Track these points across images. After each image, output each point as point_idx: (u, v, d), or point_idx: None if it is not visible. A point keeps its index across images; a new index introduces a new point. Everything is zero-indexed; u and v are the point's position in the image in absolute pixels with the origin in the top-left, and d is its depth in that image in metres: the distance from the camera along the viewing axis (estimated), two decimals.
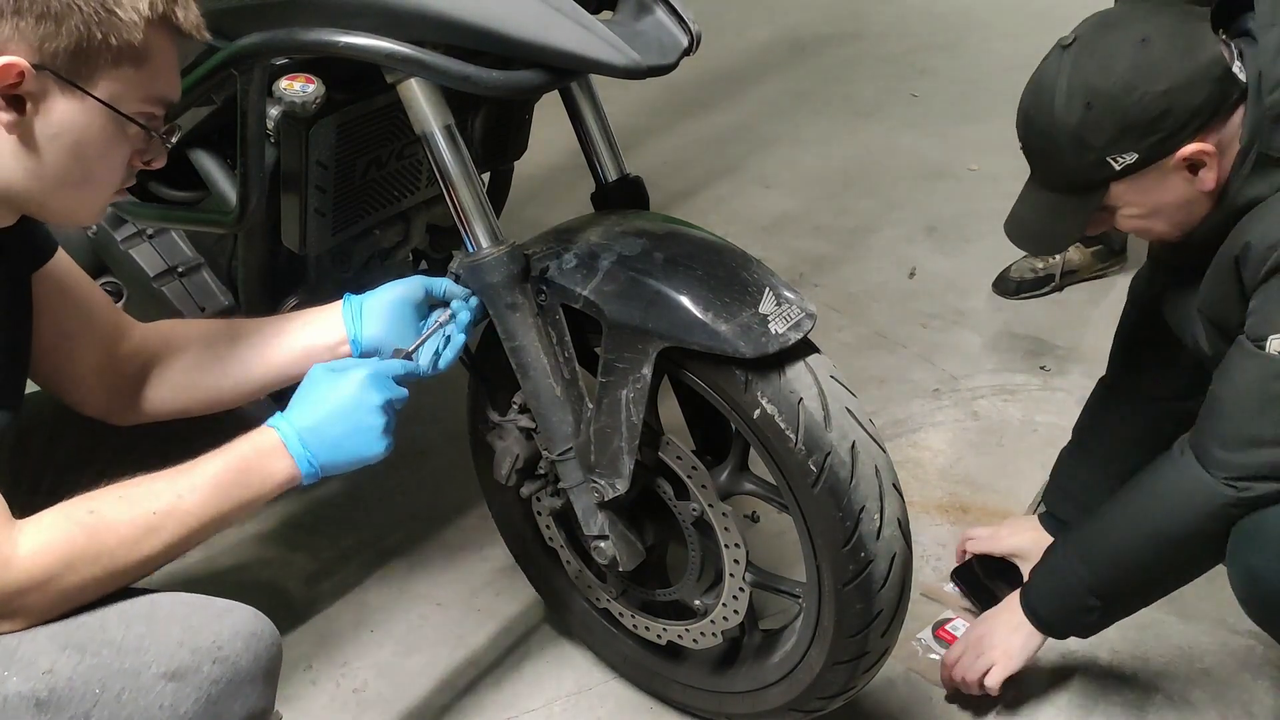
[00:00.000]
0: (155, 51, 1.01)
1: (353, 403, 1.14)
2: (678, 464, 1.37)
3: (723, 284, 1.26)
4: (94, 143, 1.02)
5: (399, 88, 1.26)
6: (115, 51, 0.98)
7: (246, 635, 1.05)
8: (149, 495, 1.06)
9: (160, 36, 1.01)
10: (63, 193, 1.04)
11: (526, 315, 1.31)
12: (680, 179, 3.24)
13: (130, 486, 1.07)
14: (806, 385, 1.25)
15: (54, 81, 0.97)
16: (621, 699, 1.66)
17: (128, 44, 0.99)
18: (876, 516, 1.26)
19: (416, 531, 1.99)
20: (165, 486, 1.07)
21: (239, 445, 1.11)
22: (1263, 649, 1.68)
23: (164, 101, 1.06)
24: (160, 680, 1.00)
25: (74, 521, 1.02)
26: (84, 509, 1.03)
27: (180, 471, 1.08)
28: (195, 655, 1.02)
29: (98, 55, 0.98)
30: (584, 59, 1.23)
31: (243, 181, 1.41)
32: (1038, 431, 2.18)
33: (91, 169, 1.04)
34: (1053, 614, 1.51)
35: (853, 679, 1.37)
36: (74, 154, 1.01)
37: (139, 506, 1.05)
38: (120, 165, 1.06)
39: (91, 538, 1.02)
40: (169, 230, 1.71)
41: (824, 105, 3.64)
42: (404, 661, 1.74)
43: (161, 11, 1.00)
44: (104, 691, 0.98)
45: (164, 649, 1.01)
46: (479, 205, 1.30)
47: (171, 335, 1.33)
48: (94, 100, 1.00)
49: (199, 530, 1.08)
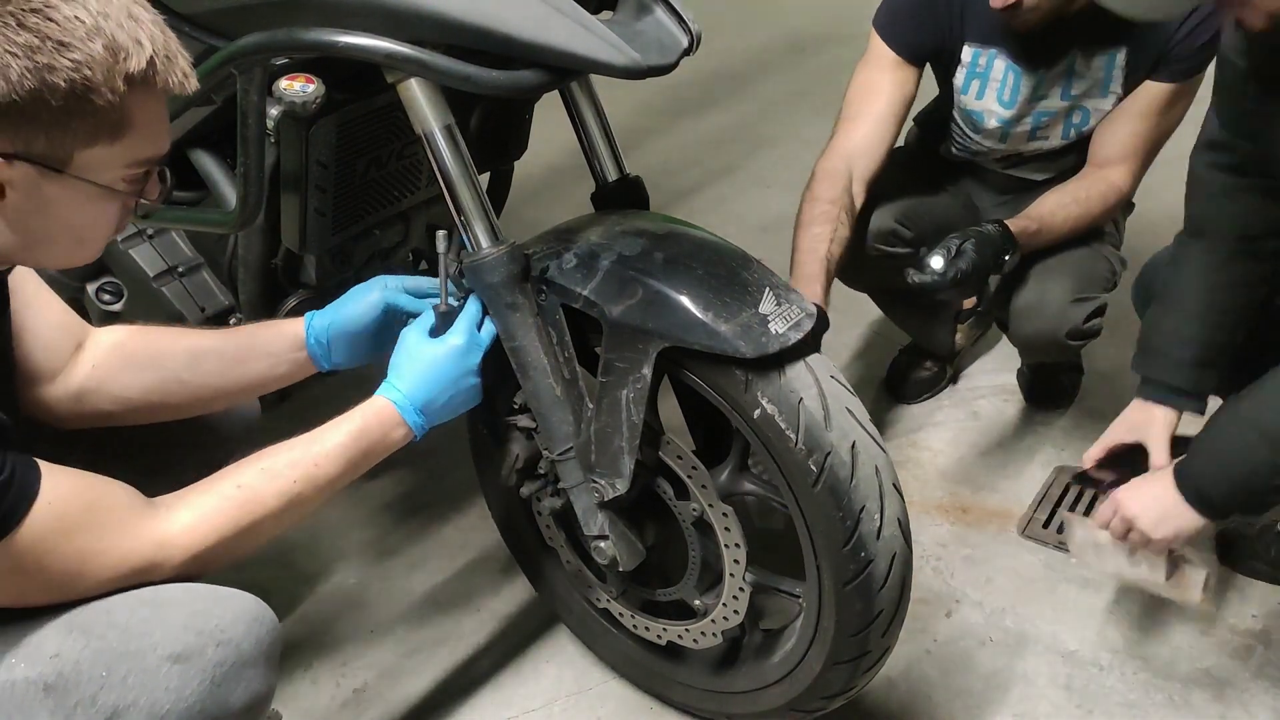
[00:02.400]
0: (136, 119, 0.98)
1: (457, 370, 1.27)
2: (678, 464, 1.37)
3: (723, 284, 1.25)
4: (80, 213, 1.01)
5: (399, 88, 1.26)
6: (92, 131, 0.96)
7: (249, 619, 1.07)
8: (289, 466, 1.16)
9: (142, 103, 0.97)
10: (56, 252, 1.05)
11: (526, 315, 1.31)
12: (680, 179, 3.24)
13: (267, 457, 1.16)
14: (807, 385, 1.25)
15: (30, 168, 0.95)
16: (621, 699, 1.66)
17: (104, 123, 0.96)
18: (876, 516, 1.26)
19: (416, 531, 2.00)
20: (302, 455, 1.17)
21: (359, 417, 1.22)
22: (1262, 649, 1.69)
23: (150, 161, 1.03)
24: (165, 663, 1.01)
25: (224, 497, 1.10)
26: (231, 484, 1.12)
27: (310, 441, 1.19)
28: (200, 638, 1.03)
29: (74, 138, 0.95)
30: (584, 59, 1.23)
31: (243, 181, 1.41)
32: (1038, 432, 2.19)
33: (83, 232, 1.03)
34: (1227, 496, 1.41)
35: (853, 679, 1.37)
36: (61, 225, 1.01)
37: (282, 478, 1.14)
38: (112, 220, 1.04)
39: (243, 510, 1.11)
40: (169, 230, 1.71)
41: (824, 105, 3.62)
42: (404, 661, 1.74)
43: (141, 79, 0.96)
44: (110, 674, 1.00)
45: (169, 632, 1.03)
46: (479, 205, 1.30)
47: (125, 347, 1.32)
48: (74, 178, 0.98)
49: (328, 496, 1.19)
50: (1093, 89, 1.80)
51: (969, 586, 1.84)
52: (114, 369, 1.30)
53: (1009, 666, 1.69)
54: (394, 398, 1.25)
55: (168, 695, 1.01)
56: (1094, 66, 1.78)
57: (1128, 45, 1.75)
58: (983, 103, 1.87)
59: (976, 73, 1.84)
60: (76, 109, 0.93)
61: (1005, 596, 1.81)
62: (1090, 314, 1.85)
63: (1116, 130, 1.82)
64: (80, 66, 0.91)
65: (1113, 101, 1.82)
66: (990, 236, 1.72)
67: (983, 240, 1.71)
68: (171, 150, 1.07)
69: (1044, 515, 1.97)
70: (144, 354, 1.32)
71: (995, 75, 1.83)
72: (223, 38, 1.35)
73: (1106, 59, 1.77)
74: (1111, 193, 1.83)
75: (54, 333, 1.26)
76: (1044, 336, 1.87)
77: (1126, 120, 1.80)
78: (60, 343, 1.27)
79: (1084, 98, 1.82)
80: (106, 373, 1.29)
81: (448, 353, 1.27)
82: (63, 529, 1.00)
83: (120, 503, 1.06)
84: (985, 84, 1.85)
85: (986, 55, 1.83)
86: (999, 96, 1.85)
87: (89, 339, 1.30)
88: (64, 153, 0.96)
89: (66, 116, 0.93)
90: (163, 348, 1.33)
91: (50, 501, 0.99)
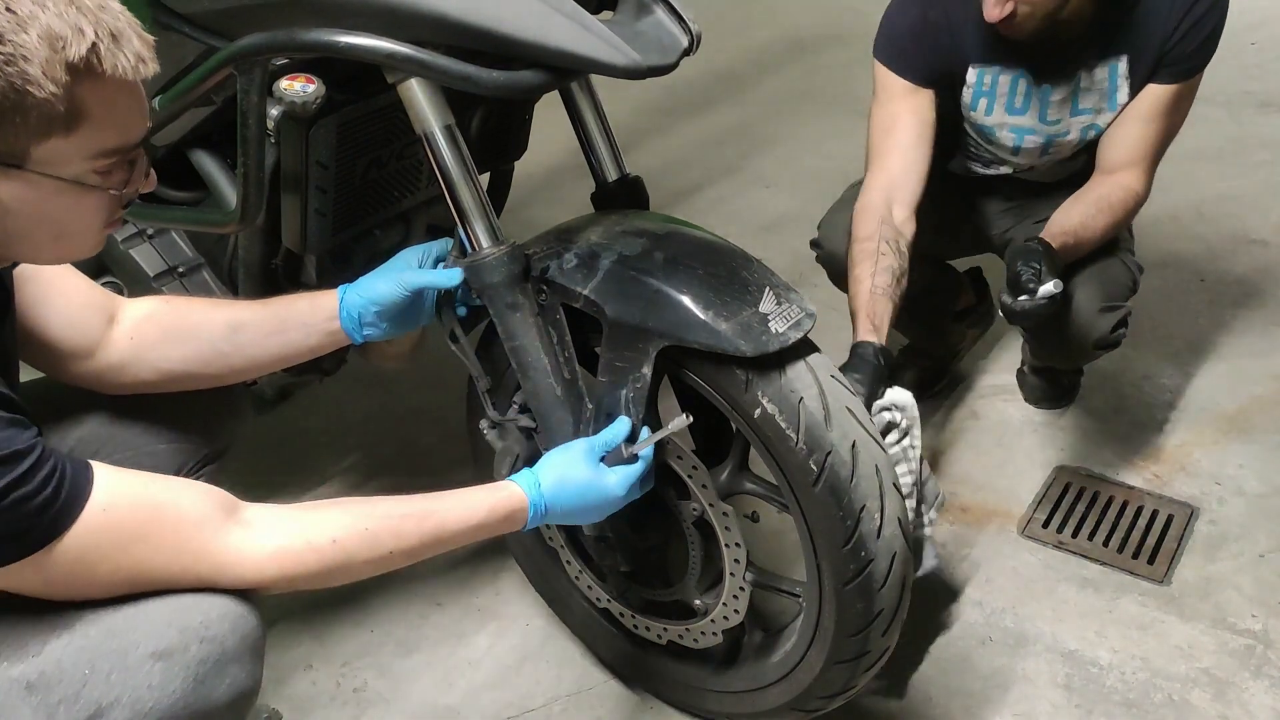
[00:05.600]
0: (91, 109, 0.93)
1: (598, 508, 1.28)
2: (678, 464, 1.37)
3: (723, 283, 1.26)
4: (52, 207, 0.98)
5: (399, 88, 1.26)
6: (40, 124, 0.92)
7: (233, 616, 1.06)
8: (392, 535, 1.13)
9: (94, 92, 0.93)
10: (38, 250, 1.03)
11: (527, 315, 1.31)
12: (680, 179, 3.24)
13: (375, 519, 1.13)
14: (807, 384, 1.25)
15: None
16: (621, 699, 1.66)
17: (52, 116, 0.92)
18: (877, 516, 1.26)
19: None
20: (413, 529, 1.15)
21: (493, 502, 1.21)
22: (1262, 649, 1.69)
23: (117, 151, 0.99)
24: (149, 660, 1.01)
25: (312, 548, 1.08)
26: (326, 537, 1.10)
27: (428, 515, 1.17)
28: (183, 635, 1.03)
29: (24, 133, 0.92)
30: (584, 59, 1.23)
31: (243, 181, 1.41)
32: (1038, 431, 2.19)
33: (61, 227, 1.00)
34: None
35: (853, 679, 1.37)
36: (37, 221, 0.98)
37: (378, 549, 1.12)
38: (95, 212, 1.01)
39: (321, 566, 1.09)
40: (169, 230, 1.71)
41: (824, 105, 3.64)
42: (404, 661, 1.74)
43: (84, 68, 0.91)
44: (93, 672, 0.99)
45: (152, 629, 1.02)
46: (479, 205, 1.30)
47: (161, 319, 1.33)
48: (36, 174, 0.94)
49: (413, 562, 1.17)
50: (1101, 102, 1.80)
51: (969, 586, 1.84)
52: (153, 340, 1.31)
53: (1009, 666, 1.69)
54: (532, 493, 1.24)
55: (151, 692, 1.00)
56: (1098, 79, 1.78)
57: (1128, 53, 1.75)
58: (993, 117, 1.87)
59: (983, 91, 1.84)
60: (18, 103, 0.89)
61: (1005, 596, 1.81)
62: (1117, 323, 1.84)
63: (1125, 135, 1.81)
64: (12, 60, 0.88)
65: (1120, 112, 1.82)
66: (1049, 250, 1.70)
67: (1049, 256, 1.69)
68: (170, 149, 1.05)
69: (1044, 515, 1.97)
70: (182, 326, 1.32)
71: (1002, 90, 1.83)
72: (223, 38, 1.35)
73: (1109, 70, 1.77)
74: (1130, 198, 1.82)
75: (83, 311, 1.27)
76: (1073, 345, 1.86)
77: (1133, 124, 1.80)
78: (91, 319, 1.27)
79: (1094, 114, 1.82)
80: (145, 344, 1.30)
81: (603, 494, 1.26)
82: (117, 540, 0.99)
83: (189, 517, 1.04)
84: (994, 100, 1.85)
85: (991, 74, 1.82)
86: (1009, 106, 1.85)
87: (120, 311, 1.31)
88: (18, 148, 0.93)
89: (9, 111, 0.90)
90: (200, 320, 1.34)
91: (105, 509, 0.98)
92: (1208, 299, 2.54)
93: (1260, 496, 1.99)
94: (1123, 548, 1.90)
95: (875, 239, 1.74)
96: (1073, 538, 1.93)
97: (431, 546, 1.17)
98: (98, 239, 1.05)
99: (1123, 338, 1.87)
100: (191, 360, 1.33)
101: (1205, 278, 2.62)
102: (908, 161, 1.82)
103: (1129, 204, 1.82)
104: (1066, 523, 1.96)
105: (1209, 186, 2.98)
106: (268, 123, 1.37)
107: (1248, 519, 1.94)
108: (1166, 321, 2.45)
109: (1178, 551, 1.88)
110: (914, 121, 1.84)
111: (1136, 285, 1.92)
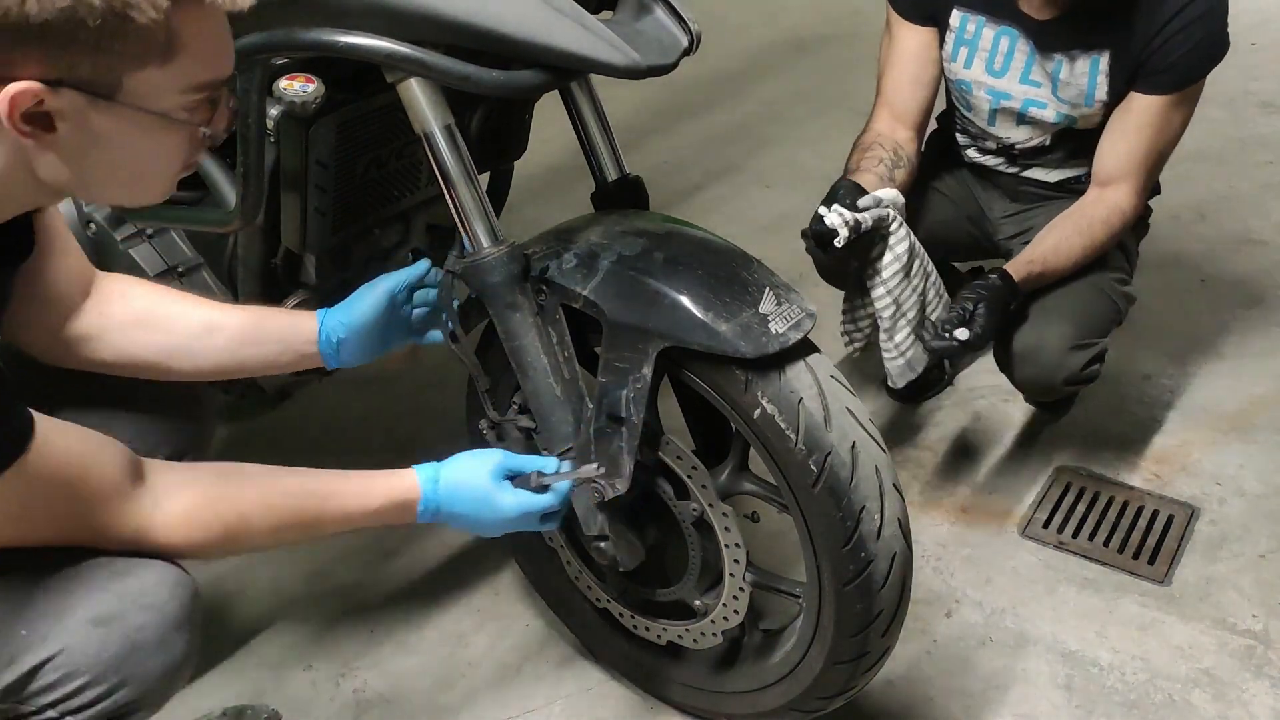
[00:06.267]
0: (187, 40, 0.91)
1: (491, 519, 1.26)
2: (678, 464, 1.37)
3: (723, 284, 1.25)
4: (138, 143, 0.95)
5: (399, 87, 1.26)
6: (138, 52, 0.89)
7: (171, 584, 1.06)
8: (294, 514, 1.15)
9: (191, 21, 0.91)
10: (115, 190, 1.01)
11: (526, 315, 1.31)
12: (680, 179, 3.24)
13: (279, 495, 1.14)
14: (807, 385, 1.25)
15: (78, 95, 0.89)
16: (621, 699, 1.66)
17: (150, 44, 0.89)
18: (877, 516, 1.26)
19: (416, 532, 1.99)
20: (315, 508, 1.16)
21: (389, 489, 1.22)
22: (1262, 649, 1.69)
23: (209, 85, 0.96)
24: (86, 625, 1.01)
25: (219, 518, 1.09)
26: (233, 511, 1.10)
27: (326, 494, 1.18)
28: (121, 601, 1.03)
29: (120, 60, 0.89)
30: (584, 59, 1.23)
31: (243, 181, 1.41)
32: (1038, 432, 2.18)
33: (143, 166, 0.98)
34: None
35: (853, 679, 1.37)
36: (119, 157, 0.96)
37: (282, 521, 1.14)
38: (176, 151, 0.99)
39: (228, 538, 1.11)
40: (169, 230, 1.71)
41: (824, 105, 3.63)
42: (404, 661, 1.74)
43: None
44: (30, 633, 0.99)
45: (90, 594, 1.02)
46: (479, 205, 1.30)
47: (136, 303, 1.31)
48: (126, 106, 0.92)
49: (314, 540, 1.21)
50: (1078, 96, 1.80)
51: (969, 586, 1.84)
52: (123, 322, 1.29)
53: (1009, 666, 1.69)
54: (428, 490, 1.23)
55: (85, 659, 1.00)
56: (1078, 71, 1.77)
57: (1110, 49, 1.74)
58: (970, 72, 1.86)
59: (965, 39, 1.84)
60: (117, 28, 0.86)
61: (1005, 596, 1.81)
62: (1089, 361, 1.81)
63: (1115, 146, 1.80)
64: None
65: (1100, 110, 1.81)
66: (998, 291, 1.72)
67: (992, 299, 1.70)
68: None
69: (1044, 515, 1.97)
70: (156, 314, 1.31)
71: (984, 45, 1.83)
72: None
73: (1090, 63, 1.76)
74: (1115, 215, 1.80)
75: (69, 274, 1.25)
76: (1040, 383, 1.84)
77: (1123, 135, 1.79)
78: (74, 285, 1.26)
79: (1071, 106, 1.82)
80: (112, 323, 1.28)
81: (495, 511, 1.26)
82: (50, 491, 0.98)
83: (109, 478, 1.03)
84: (973, 52, 1.85)
85: (975, 22, 1.82)
86: (989, 66, 1.84)
87: (95, 284, 1.29)
88: (112, 77, 0.90)
89: (107, 37, 0.86)
90: (176, 313, 1.32)
91: (44, 457, 0.96)
92: (1208, 299, 2.54)
93: (1260, 496, 1.99)
94: (1123, 548, 1.90)
95: (874, 146, 1.84)
96: (1073, 538, 1.92)
97: (329, 528, 1.19)
98: (170, 183, 1.03)
99: (1097, 374, 1.85)
100: (156, 350, 1.30)
101: (1205, 278, 2.62)
102: (907, 95, 1.90)
103: (1112, 222, 1.80)
104: (1067, 523, 1.96)
105: (1209, 186, 2.98)
106: (267, 122, 1.37)
107: (1248, 519, 1.94)
108: (1166, 321, 2.45)
109: (1178, 552, 1.88)
110: (912, 59, 1.89)
111: (1121, 317, 1.89)
